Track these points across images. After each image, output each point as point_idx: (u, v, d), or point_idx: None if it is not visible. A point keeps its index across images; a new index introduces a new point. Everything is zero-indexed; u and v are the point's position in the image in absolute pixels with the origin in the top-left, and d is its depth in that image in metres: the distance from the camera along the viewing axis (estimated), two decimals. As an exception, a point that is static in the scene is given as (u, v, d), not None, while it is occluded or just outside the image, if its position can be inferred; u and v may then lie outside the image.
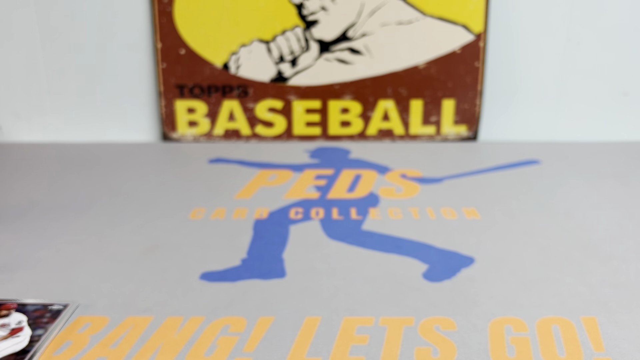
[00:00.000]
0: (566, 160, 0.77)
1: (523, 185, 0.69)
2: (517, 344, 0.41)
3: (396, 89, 0.83)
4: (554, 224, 0.59)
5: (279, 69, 0.82)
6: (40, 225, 0.60)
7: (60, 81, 0.85)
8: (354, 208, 0.63)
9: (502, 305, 0.45)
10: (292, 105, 0.84)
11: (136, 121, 0.86)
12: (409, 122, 0.84)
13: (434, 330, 0.42)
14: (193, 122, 0.84)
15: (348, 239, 0.56)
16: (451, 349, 0.40)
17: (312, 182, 0.70)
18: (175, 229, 0.59)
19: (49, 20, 0.82)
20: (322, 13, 0.80)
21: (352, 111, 0.84)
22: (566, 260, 0.52)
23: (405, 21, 0.81)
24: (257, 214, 0.62)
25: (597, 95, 0.85)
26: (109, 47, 0.83)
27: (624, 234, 0.57)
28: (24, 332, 0.41)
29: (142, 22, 0.82)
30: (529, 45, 0.83)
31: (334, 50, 0.82)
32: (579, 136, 0.87)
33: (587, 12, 0.81)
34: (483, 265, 0.51)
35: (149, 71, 0.84)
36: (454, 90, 0.83)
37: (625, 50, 0.83)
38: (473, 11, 0.80)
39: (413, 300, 0.46)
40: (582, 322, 0.43)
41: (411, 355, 0.40)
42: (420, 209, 0.63)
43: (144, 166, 0.76)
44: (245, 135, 0.85)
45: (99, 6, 0.81)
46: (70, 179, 0.72)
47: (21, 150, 0.82)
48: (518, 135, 0.87)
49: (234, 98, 0.83)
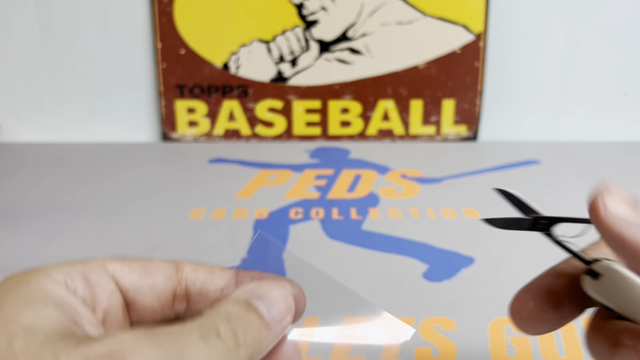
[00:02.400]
0: (566, 160, 0.77)
1: (523, 185, 0.69)
2: (517, 344, 0.41)
3: (396, 89, 0.83)
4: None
5: (279, 69, 0.82)
6: (40, 225, 0.60)
7: (60, 81, 0.85)
8: (354, 208, 0.63)
9: (502, 305, 0.45)
10: (292, 105, 0.84)
11: (136, 121, 0.86)
12: (409, 122, 0.84)
13: (434, 330, 0.42)
14: (193, 122, 0.84)
15: (348, 239, 0.56)
16: (451, 349, 0.40)
17: (312, 182, 0.70)
18: (175, 229, 0.59)
19: (49, 20, 0.82)
20: (322, 13, 0.80)
21: (352, 111, 0.84)
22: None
23: (405, 21, 0.81)
24: (257, 214, 0.62)
25: (597, 95, 0.85)
26: (109, 47, 0.83)
27: (624, 234, 0.57)
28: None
29: (142, 22, 0.82)
30: (529, 45, 0.83)
31: (334, 50, 0.82)
32: (579, 136, 0.87)
33: (587, 12, 0.81)
34: (483, 265, 0.51)
35: (149, 71, 0.84)
36: (454, 90, 0.83)
37: (625, 50, 0.83)
38: (473, 11, 0.80)
39: (413, 300, 0.46)
40: (581, 322, 0.43)
41: (411, 355, 0.40)
42: (420, 209, 0.63)
43: (144, 166, 0.76)
44: (245, 135, 0.85)
45: (99, 6, 0.81)
46: (70, 179, 0.72)
47: (21, 150, 0.82)
48: (518, 135, 0.87)
49: (234, 98, 0.83)
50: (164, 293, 0.25)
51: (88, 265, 0.23)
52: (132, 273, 0.24)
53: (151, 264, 0.25)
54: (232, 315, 0.22)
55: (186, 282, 0.25)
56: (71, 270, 0.23)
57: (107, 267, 0.24)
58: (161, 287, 0.25)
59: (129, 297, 0.24)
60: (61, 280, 0.22)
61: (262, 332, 0.23)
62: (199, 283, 0.25)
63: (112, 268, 0.24)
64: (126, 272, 0.24)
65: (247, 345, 0.21)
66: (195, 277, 0.25)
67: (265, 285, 0.24)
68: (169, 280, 0.25)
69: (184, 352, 0.19)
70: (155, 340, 0.19)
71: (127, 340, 0.19)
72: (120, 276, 0.24)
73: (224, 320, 0.21)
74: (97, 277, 0.23)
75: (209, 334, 0.20)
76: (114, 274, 0.24)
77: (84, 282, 0.23)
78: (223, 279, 0.26)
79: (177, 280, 0.25)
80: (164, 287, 0.25)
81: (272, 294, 0.24)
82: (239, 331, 0.21)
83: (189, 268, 0.26)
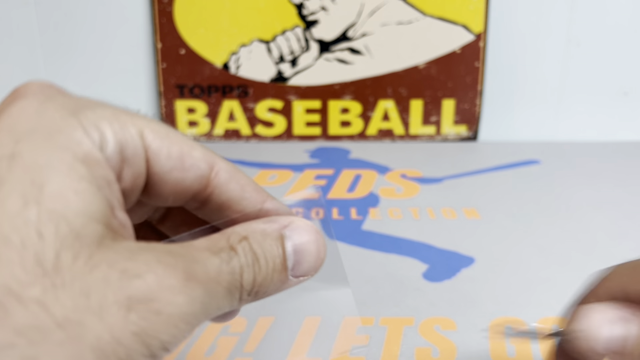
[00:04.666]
0: (566, 160, 0.77)
1: (523, 185, 0.69)
2: (517, 344, 0.41)
3: (396, 89, 0.83)
4: (554, 224, 0.59)
5: (279, 69, 0.82)
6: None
7: (60, 81, 0.85)
8: (354, 208, 0.63)
9: (502, 305, 0.45)
10: (292, 105, 0.84)
11: (136, 121, 0.86)
12: (409, 122, 0.84)
13: (434, 330, 0.42)
14: (193, 122, 0.84)
15: (348, 239, 0.56)
16: (451, 349, 0.40)
17: (312, 182, 0.70)
18: (175, 229, 0.59)
19: (49, 20, 0.82)
20: (322, 13, 0.80)
21: (352, 111, 0.84)
22: (566, 260, 0.52)
23: (405, 21, 0.81)
24: (257, 214, 0.62)
25: (597, 95, 0.85)
26: (108, 47, 0.83)
27: (624, 234, 0.57)
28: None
29: (142, 22, 0.82)
30: (529, 45, 0.83)
31: (334, 50, 0.82)
32: (579, 136, 0.87)
33: (587, 12, 0.81)
34: (483, 265, 0.51)
35: (149, 71, 0.84)
36: (454, 90, 0.83)
37: (625, 50, 0.83)
38: (473, 11, 0.80)
39: (413, 300, 0.46)
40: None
41: (411, 355, 0.40)
42: (420, 209, 0.63)
43: (144, 166, 0.76)
44: (245, 135, 0.85)
45: (99, 6, 0.81)
46: (70, 179, 0.72)
47: (21, 150, 0.82)
48: (518, 135, 0.87)
49: (234, 98, 0.83)
50: (187, 190, 0.22)
51: (128, 131, 0.19)
52: (168, 160, 0.21)
53: (190, 157, 0.21)
54: (259, 256, 0.21)
55: (213, 190, 0.22)
56: (109, 131, 0.19)
57: (146, 140, 0.20)
58: (187, 185, 0.22)
59: (150, 182, 0.21)
60: (97, 141, 0.18)
61: (277, 283, 0.21)
62: (225, 197, 0.23)
63: (149, 142, 0.20)
64: (163, 156, 0.20)
65: (257, 295, 0.21)
66: (226, 188, 0.23)
67: (305, 234, 0.22)
68: (198, 181, 0.22)
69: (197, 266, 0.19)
70: (174, 260, 0.18)
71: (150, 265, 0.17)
72: (154, 159, 0.20)
73: (250, 261, 0.20)
74: (133, 152, 0.20)
75: (230, 260, 0.20)
76: (148, 151, 0.20)
77: (119, 153, 0.19)
78: (253, 203, 0.24)
79: (206, 183, 0.22)
80: (190, 186, 0.22)
81: (309, 249, 0.22)
82: (259, 279, 0.20)
83: (223, 176, 0.22)
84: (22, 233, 0.16)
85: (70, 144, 0.18)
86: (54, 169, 0.17)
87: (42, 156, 0.17)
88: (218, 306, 0.19)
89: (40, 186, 0.16)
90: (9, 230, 0.16)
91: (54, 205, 0.16)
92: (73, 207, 0.17)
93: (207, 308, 0.19)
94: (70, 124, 0.18)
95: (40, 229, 0.16)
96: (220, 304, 0.19)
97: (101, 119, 0.19)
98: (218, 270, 0.19)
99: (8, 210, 0.16)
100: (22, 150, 0.17)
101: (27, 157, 0.17)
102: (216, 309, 0.19)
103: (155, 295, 0.17)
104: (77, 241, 0.16)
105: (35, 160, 0.17)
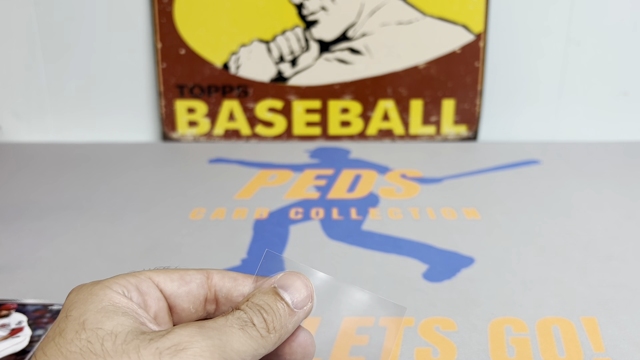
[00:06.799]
0: (566, 160, 0.77)
1: (523, 185, 0.69)
2: (517, 344, 0.41)
3: (396, 89, 0.83)
4: (554, 224, 0.59)
5: (279, 69, 0.82)
6: (40, 225, 0.60)
7: (60, 81, 0.85)
8: (354, 208, 0.63)
9: (502, 305, 0.45)
10: (292, 105, 0.84)
11: (136, 121, 0.86)
12: (409, 122, 0.84)
13: (434, 330, 0.42)
14: (193, 122, 0.84)
15: (348, 239, 0.56)
16: (451, 349, 0.40)
17: (312, 182, 0.70)
18: (175, 229, 0.59)
19: (49, 20, 0.82)
20: (322, 13, 0.81)
21: (352, 111, 0.84)
22: (566, 260, 0.52)
23: (405, 21, 0.81)
24: (257, 214, 0.62)
25: (597, 95, 0.85)
26: (108, 47, 0.83)
27: (624, 234, 0.57)
28: (24, 333, 0.42)
29: (142, 22, 0.82)
30: (529, 45, 0.83)
31: (334, 50, 0.82)
32: (579, 136, 0.87)
33: (587, 12, 0.81)
34: (483, 265, 0.51)
35: (149, 71, 0.84)
36: (454, 90, 0.83)
37: (625, 50, 0.83)
38: (473, 11, 0.80)
39: (413, 300, 0.46)
40: (582, 322, 0.43)
41: (411, 355, 0.40)
42: (420, 209, 0.63)
43: (144, 166, 0.76)
44: (245, 135, 0.85)
45: (99, 6, 0.81)
46: (70, 179, 0.72)
47: (21, 150, 0.82)
48: (518, 135, 0.87)
49: (234, 98, 0.83)
50: (198, 298, 0.30)
51: (138, 277, 0.29)
52: (173, 282, 0.29)
53: (187, 274, 0.30)
54: (262, 305, 0.27)
55: (215, 289, 0.30)
56: (126, 283, 0.28)
57: (153, 278, 0.29)
58: (195, 294, 0.30)
59: (171, 302, 0.29)
60: (120, 291, 0.27)
61: (288, 317, 0.28)
62: (225, 289, 0.30)
63: (156, 279, 0.29)
64: (168, 281, 0.29)
65: (276, 330, 0.27)
66: (222, 284, 0.30)
67: (289, 276, 0.29)
68: (202, 288, 0.30)
69: (228, 342, 0.25)
70: (206, 333, 0.25)
71: (186, 335, 0.25)
72: (163, 285, 0.29)
73: (256, 311, 0.27)
74: (147, 286, 0.29)
75: (246, 325, 0.26)
76: (158, 283, 0.29)
77: (137, 292, 0.28)
78: (245, 285, 0.30)
79: (207, 287, 0.30)
80: (198, 293, 0.30)
81: (296, 284, 0.29)
82: (269, 319, 0.27)
83: (217, 276, 0.30)
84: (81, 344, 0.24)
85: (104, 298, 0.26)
86: (90, 312, 0.25)
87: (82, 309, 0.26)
88: (239, 343, 0.26)
89: (82, 323, 0.25)
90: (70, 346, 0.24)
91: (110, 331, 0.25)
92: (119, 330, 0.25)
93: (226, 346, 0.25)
94: (101, 288, 0.27)
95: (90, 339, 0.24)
96: (239, 342, 0.26)
97: (121, 278, 0.28)
98: (225, 322, 0.26)
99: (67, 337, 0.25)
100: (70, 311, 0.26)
101: (74, 313, 0.26)
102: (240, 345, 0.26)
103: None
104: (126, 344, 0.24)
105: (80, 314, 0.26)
